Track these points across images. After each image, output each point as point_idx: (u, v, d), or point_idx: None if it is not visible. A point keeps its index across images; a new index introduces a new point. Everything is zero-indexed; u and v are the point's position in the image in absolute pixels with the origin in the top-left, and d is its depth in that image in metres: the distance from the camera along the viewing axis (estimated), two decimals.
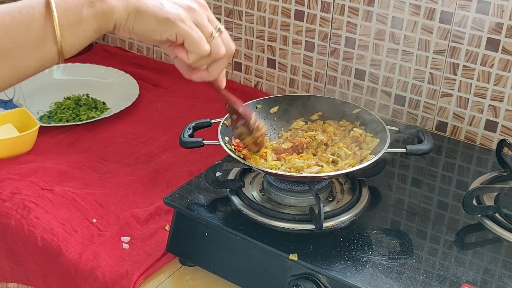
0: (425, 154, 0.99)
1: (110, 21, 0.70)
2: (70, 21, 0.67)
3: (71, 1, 0.67)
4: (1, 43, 0.64)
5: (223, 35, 0.76)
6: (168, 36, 0.72)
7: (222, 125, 1.00)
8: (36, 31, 0.66)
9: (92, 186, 1.17)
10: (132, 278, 0.95)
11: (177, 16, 0.71)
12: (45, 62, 0.68)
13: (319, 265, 0.85)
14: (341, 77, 1.41)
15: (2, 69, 0.66)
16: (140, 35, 0.72)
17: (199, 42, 0.73)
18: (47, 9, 0.66)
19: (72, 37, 0.68)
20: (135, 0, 0.70)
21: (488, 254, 0.90)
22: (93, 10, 0.68)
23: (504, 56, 1.18)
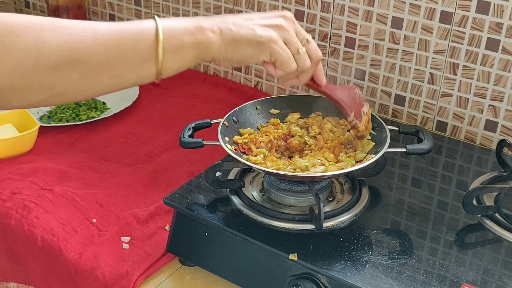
0: (425, 154, 0.99)
1: (208, 51, 0.77)
2: (172, 46, 0.74)
3: (176, 29, 0.74)
4: (110, 55, 0.70)
5: (310, 45, 0.83)
6: (264, 58, 0.80)
7: (222, 125, 1.00)
8: (142, 50, 0.72)
9: (92, 186, 1.18)
10: (132, 278, 0.95)
11: (269, 38, 0.79)
12: (143, 78, 0.75)
13: (319, 265, 0.85)
14: (341, 77, 1.41)
15: (104, 77, 0.71)
16: (239, 62, 0.80)
17: (288, 62, 0.81)
18: (155, 33, 0.73)
19: (172, 61, 0.75)
20: (230, 32, 0.77)
21: (488, 254, 0.90)
22: (194, 39, 0.75)
23: (504, 56, 1.18)
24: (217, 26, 0.77)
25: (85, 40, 0.68)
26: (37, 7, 1.96)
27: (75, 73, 0.69)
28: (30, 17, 0.68)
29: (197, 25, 0.76)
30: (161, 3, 1.65)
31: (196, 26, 0.76)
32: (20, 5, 2.01)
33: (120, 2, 1.74)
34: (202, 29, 0.76)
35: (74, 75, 0.69)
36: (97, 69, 0.70)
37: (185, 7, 1.61)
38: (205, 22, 0.77)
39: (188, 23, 0.76)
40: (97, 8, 1.81)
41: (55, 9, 1.72)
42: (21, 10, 2.01)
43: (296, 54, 0.81)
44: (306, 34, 0.83)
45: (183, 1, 1.61)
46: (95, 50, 0.69)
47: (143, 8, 1.70)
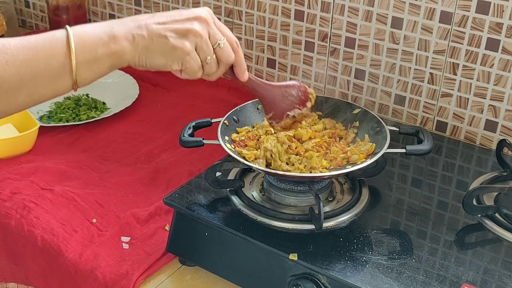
0: (425, 154, 0.99)
1: (123, 60, 0.76)
2: (86, 58, 0.73)
3: (89, 40, 0.73)
4: (23, 75, 0.69)
5: (221, 50, 0.81)
6: (176, 67, 0.79)
7: (222, 124, 1.00)
8: (55, 66, 0.71)
9: (92, 186, 1.17)
10: (132, 278, 0.95)
11: (182, 48, 0.77)
12: (59, 92, 0.74)
13: (319, 265, 0.85)
14: (341, 77, 1.41)
15: (20, 97, 0.70)
16: (153, 68, 0.79)
17: (196, 71, 0.80)
18: (67, 47, 0.71)
19: (87, 72, 0.74)
20: (142, 40, 0.76)
21: (488, 254, 0.90)
22: (108, 50, 0.74)
23: (504, 56, 1.18)
24: (130, 33, 0.75)
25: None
26: (37, 7, 1.96)
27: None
28: None
29: (110, 33, 0.74)
30: (161, 3, 1.65)
31: (109, 34, 0.74)
32: (20, 5, 2.00)
33: (120, 2, 1.74)
34: (115, 37, 0.74)
35: None
36: (11, 91, 0.69)
37: (185, 7, 1.61)
38: (118, 29, 0.75)
39: (101, 31, 0.74)
40: (97, 8, 1.81)
41: (55, 9, 1.72)
42: (21, 10, 2.01)
43: (204, 61, 0.80)
44: (221, 37, 0.80)
45: (183, 1, 1.61)
46: (7, 72, 0.67)
47: (143, 8, 1.70)
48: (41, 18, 1.97)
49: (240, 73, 0.86)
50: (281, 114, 0.91)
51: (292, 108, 0.91)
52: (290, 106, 0.91)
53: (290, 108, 0.91)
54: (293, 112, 0.91)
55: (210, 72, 0.82)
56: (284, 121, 0.92)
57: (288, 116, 0.91)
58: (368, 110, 1.05)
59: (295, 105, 0.91)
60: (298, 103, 0.91)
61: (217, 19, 0.81)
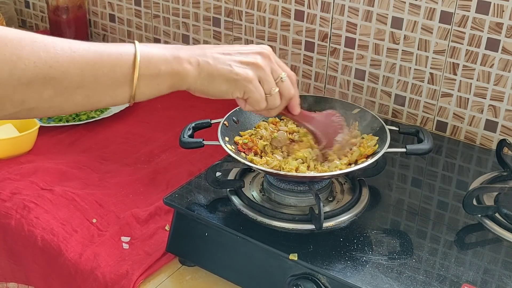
0: (425, 154, 0.99)
1: (184, 82, 0.78)
2: (148, 73, 0.74)
3: (154, 56, 0.74)
4: (85, 76, 0.70)
5: (283, 84, 0.84)
6: (238, 95, 0.82)
7: (222, 125, 1.00)
8: (118, 74, 0.72)
9: (92, 186, 1.18)
10: (132, 278, 0.95)
11: (244, 77, 0.80)
12: (116, 101, 0.74)
13: (319, 265, 0.85)
14: (341, 77, 1.41)
15: (77, 97, 0.71)
16: (213, 96, 0.81)
17: (259, 101, 0.82)
18: (133, 59, 0.73)
19: (146, 87, 0.75)
20: (207, 65, 0.78)
21: (488, 254, 0.90)
22: (170, 69, 0.76)
23: (504, 56, 1.18)
24: (194, 58, 0.77)
25: (62, 58, 0.68)
26: (37, 7, 1.96)
27: (48, 91, 0.68)
28: (9, 30, 0.67)
29: (175, 55, 0.76)
30: (161, 3, 1.65)
31: (174, 55, 0.76)
32: (20, 5, 2.00)
33: (120, 2, 1.74)
34: (179, 59, 0.76)
35: (46, 92, 0.68)
36: (71, 89, 0.69)
37: (185, 7, 1.61)
38: (183, 52, 0.77)
39: (166, 51, 0.76)
40: (97, 8, 1.81)
41: (55, 9, 1.72)
42: (21, 10, 2.01)
43: (268, 94, 0.83)
44: (281, 72, 0.84)
45: (183, 1, 1.61)
46: (71, 69, 0.68)
47: (143, 8, 1.70)
48: (41, 18, 1.97)
49: (295, 106, 0.90)
50: (331, 141, 0.96)
51: (337, 134, 0.97)
52: (335, 133, 0.97)
53: (336, 135, 0.96)
54: (339, 137, 0.96)
55: (273, 105, 0.85)
56: (334, 146, 0.96)
57: (336, 141, 0.96)
58: (368, 110, 1.05)
59: (338, 131, 0.97)
60: (339, 128, 0.97)
61: (276, 56, 0.85)
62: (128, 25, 1.76)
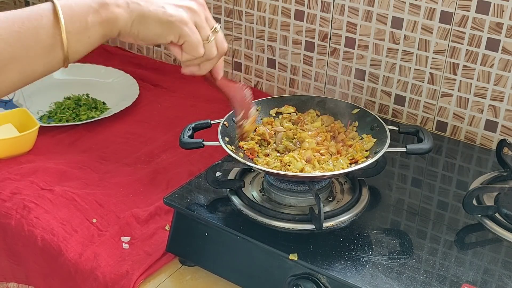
0: (425, 153, 0.99)
1: (115, 28, 0.72)
2: (76, 28, 0.69)
3: (77, 9, 0.69)
4: (13, 49, 0.66)
5: (218, 35, 0.79)
6: (172, 39, 0.75)
7: (222, 125, 1.00)
8: (44, 38, 0.67)
9: (92, 186, 1.18)
10: (132, 278, 0.95)
11: (179, 18, 0.74)
12: (51, 67, 0.70)
13: (319, 265, 0.85)
14: (341, 77, 1.41)
15: (11, 74, 0.67)
16: (145, 40, 0.75)
17: (197, 46, 0.77)
18: (54, 16, 0.68)
19: (78, 43, 0.70)
20: (138, 6, 0.72)
21: (488, 254, 0.90)
22: (99, 17, 0.70)
23: (504, 56, 1.18)
24: (123, 0, 0.72)
25: None
26: None
27: None
28: None
29: (100, 1, 0.70)
30: None
31: (99, 1, 0.70)
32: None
33: None
34: (106, 4, 0.71)
35: None
36: (2, 67, 0.66)
37: None
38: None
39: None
40: None
41: None
42: None
43: (205, 40, 0.77)
44: (216, 23, 0.79)
45: None
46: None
47: None
48: None
49: (220, 69, 0.86)
50: (247, 113, 0.93)
51: (250, 108, 0.93)
52: (250, 105, 0.93)
53: (249, 108, 0.93)
54: (252, 111, 0.93)
55: (210, 54, 0.79)
56: (249, 118, 0.93)
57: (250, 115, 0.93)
58: (367, 109, 1.05)
59: (251, 104, 0.94)
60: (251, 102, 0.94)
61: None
62: None
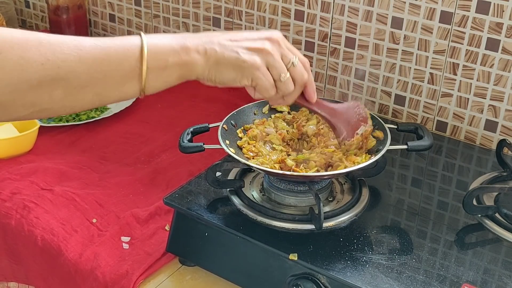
0: (426, 150, 0.99)
1: (192, 72, 0.77)
2: (157, 66, 0.73)
3: (161, 48, 0.74)
4: (93, 74, 0.69)
5: (295, 69, 0.82)
6: (246, 83, 0.80)
7: (222, 128, 1.00)
8: (126, 69, 0.71)
9: (92, 186, 1.17)
10: (132, 278, 0.95)
11: (252, 63, 0.78)
12: (126, 96, 0.74)
13: (319, 265, 0.85)
14: (341, 77, 1.41)
15: (87, 95, 0.71)
16: (221, 84, 0.80)
17: (267, 88, 0.80)
18: (140, 52, 0.72)
19: (156, 79, 0.74)
20: (214, 53, 0.77)
21: (488, 254, 0.90)
22: (179, 59, 0.75)
23: (504, 56, 1.18)
24: (202, 46, 0.76)
25: (69, 58, 0.67)
26: (37, 7, 1.96)
27: (58, 91, 0.68)
28: (14, 31, 0.66)
29: (183, 44, 0.75)
30: (161, 3, 1.65)
31: (181, 45, 0.75)
32: (20, 5, 2.00)
33: (120, 2, 1.74)
34: (187, 49, 0.75)
35: (56, 92, 0.68)
36: (80, 87, 0.69)
37: (185, 7, 1.61)
38: (190, 41, 0.76)
39: (173, 41, 0.75)
40: (97, 8, 1.81)
41: (55, 9, 1.72)
42: (21, 10, 2.01)
43: (278, 80, 0.80)
44: (293, 56, 0.81)
45: (183, 1, 1.61)
46: (79, 68, 0.68)
47: (143, 8, 1.70)
48: (41, 18, 1.97)
49: (311, 93, 0.87)
50: (352, 133, 0.93)
51: (359, 126, 0.94)
52: (357, 125, 0.94)
53: (358, 126, 0.94)
54: (361, 130, 0.94)
55: (286, 91, 0.82)
56: (355, 138, 0.93)
57: (357, 134, 0.94)
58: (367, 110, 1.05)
59: (360, 123, 0.94)
60: (362, 121, 0.94)
61: (287, 42, 0.83)
62: (128, 25, 1.76)
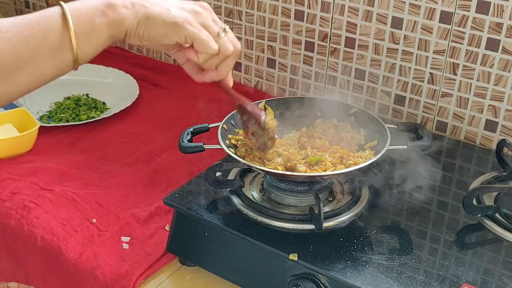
0: (427, 149, 0.99)
1: (122, 29, 0.73)
2: (84, 30, 0.70)
3: (85, 11, 0.71)
4: (21, 52, 0.67)
5: (228, 34, 0.79)
6: (178, 39, 0.76)
7: (221, 128, 1.00)
8: (53, 40, 0.69)
9: (92, 186, 1.18)
10: (132, 278, 0.95)
11: (184, 19, 0.75)
12: (60, 69, 0.71)
13: (319, 265, 0.85)
14: (341, 77, 1.41)
15: (21, 77, 0.68)
16: (150, 41, 0.76)
17: (208, 41, 0.76)
18: (63, 19, 0.69)
19: (87, 45, 0.71)
20: (144, 8, 0.74)
21: (488, 254, 0.90)
22: (105, 19, 0.71)
23: (504, 56, 1.18)
24: (129, 1, 0.73)
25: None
26: (37, 7, 1.96)
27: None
28: None
29: (107, 2, 0.72)
30: None
31: (106, 3, 0.72)
32: (20, 5, 2.00)
33: None
34: (113, 6, 0.72)
35: None
36: (12, 70, 0.67)
37: None
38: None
39: (97, 2, 0.72)
40: None
41: None
42: (21, 10, 2.01)
43: (216, 36, 0.77)
44: (224, 24, 0.79)
45: None
46: (5, 50, 0.66)
47: None
48: None
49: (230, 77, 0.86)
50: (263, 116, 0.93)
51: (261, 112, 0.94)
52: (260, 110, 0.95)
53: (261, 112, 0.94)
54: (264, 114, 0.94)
55: (227, 51, 0.78)
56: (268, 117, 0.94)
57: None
58: (365, 109, 1.05)
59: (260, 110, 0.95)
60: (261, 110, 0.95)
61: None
62: None
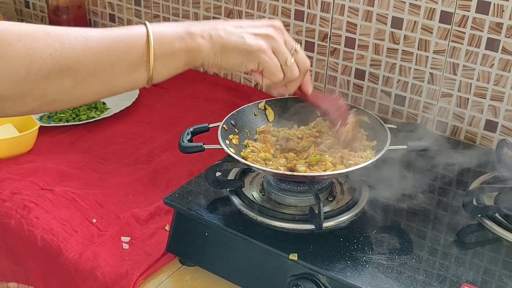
0: (426, 150, 0.99)
1: (198, 57, 0.77)
2: (163, 52, 0.74)
3: (167, 35, 0.75)
4: (101, 63, 0.71)
5: (298, 55, 0.83)
6: (252, 67, 0.80)
7: (221, 128, 1.00)
8: (133, 57, 0.72)
9: (92, 186, 1.18)
10: (132, 278, 0.95)
11: (258, 47, 0.79)
12: (134, 84, 0.75)
13: (319, 265, 0.85)
14: (341, 77, 1.41)
15: (96, 85, 0.72)
16: (227, 69, 0.80)
17: (275, 72, 0.81)
18: (146, 39, 0.73)
19: (163, 67, 0.75)
20: (220, 39, 0.78)
21: (488, 254, 0.90)
22: (184, 45, 0.75)
23: (504, 56, 1.18)
24: (207, 32, 0.77)
25: (77, 48, 0.68)
26: (37, 7, 1.96)
27: (67, 82, 0.69)
28: (21, 25, 0.67)
29: (187, 31, 0.76)
30: (161, 3, 1.65)
31: (186, 31, 0.76)
32: (20, 5, 2.00)
33: (120, 2, 1.74)
34: (192, 34, 0.76)
35: (65, 83, 0.69)
36: (89, 77, 0.70)
37: (185, 7, 1.61)
38: (195, 28, 0.77)
39: (178, 28, 0.76)
40: (97, 8, 1.81)
41: (55, 9, 1.72)
42: (21, 10, 2.01)
43: (284, 64, 0.82)
44: (295, 43, 0.83)
45: (183, 1, 1.60)
46: (87, 58, 0.69)
47: (143, 8, 1.70)
48: (41, 18, 1.97)
49: (308, 84, 0.90)
50: (344, 122, 0.96)
51: (347, 115, 0.97)
52: (346, 114, 0.97)
53: (346, 116, 0.97)
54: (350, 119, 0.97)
55: (292, 76, 0.83)
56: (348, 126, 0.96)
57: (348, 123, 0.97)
58: (365, 109, 1.05)
59: (347, 112, 0.97)
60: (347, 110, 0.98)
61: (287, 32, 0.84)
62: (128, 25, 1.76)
